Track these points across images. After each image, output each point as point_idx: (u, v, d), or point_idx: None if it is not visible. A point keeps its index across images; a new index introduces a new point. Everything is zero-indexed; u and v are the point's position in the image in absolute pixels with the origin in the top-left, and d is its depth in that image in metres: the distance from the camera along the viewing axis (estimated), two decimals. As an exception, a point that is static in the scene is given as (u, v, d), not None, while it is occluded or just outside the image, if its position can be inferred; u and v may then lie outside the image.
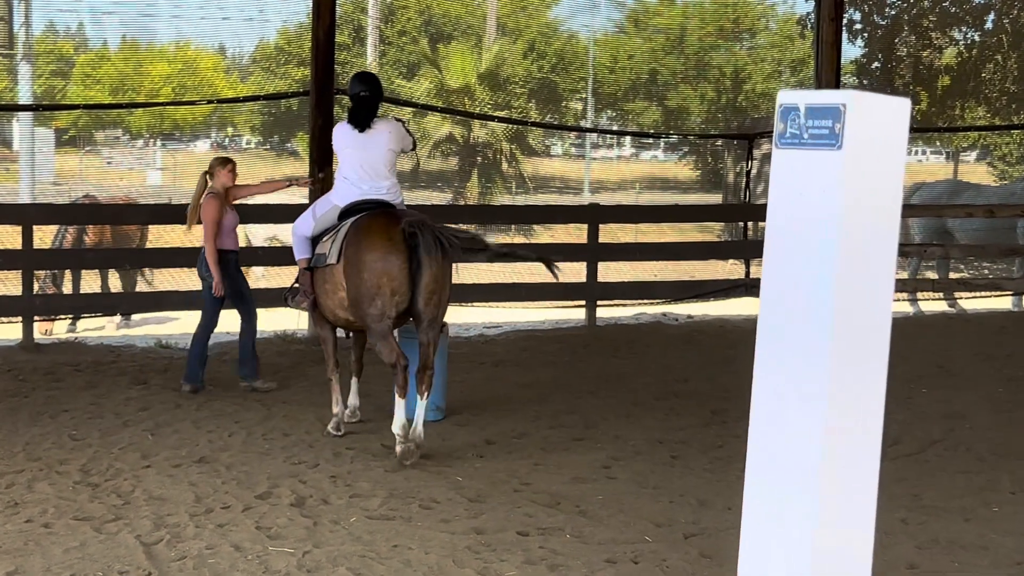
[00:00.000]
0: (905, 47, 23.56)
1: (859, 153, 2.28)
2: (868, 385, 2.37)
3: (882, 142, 2.31)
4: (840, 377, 2.29)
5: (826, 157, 2.29)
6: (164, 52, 26.42)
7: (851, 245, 2.29)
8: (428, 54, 32.30)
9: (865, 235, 2.32)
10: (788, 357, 2.32)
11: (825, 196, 2.27)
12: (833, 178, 2.27)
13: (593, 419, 8.71)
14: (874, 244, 2.34)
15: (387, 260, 7.43)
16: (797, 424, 2.29)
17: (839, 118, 2.25)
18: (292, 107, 26.95)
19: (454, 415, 8.76)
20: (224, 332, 12.45)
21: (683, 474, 7.27)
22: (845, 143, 2.26)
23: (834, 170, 2.27)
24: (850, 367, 2.32)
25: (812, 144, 2.31)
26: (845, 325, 2.30)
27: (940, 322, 14.01)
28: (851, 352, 2.31)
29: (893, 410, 8.90)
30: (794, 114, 2.32)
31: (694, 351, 11.67)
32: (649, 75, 32.92)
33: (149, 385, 9.56)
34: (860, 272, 2.31)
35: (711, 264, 18.60)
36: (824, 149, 2.29)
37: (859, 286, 2.33)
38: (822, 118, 2.27)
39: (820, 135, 2.29)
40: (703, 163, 32.64)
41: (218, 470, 7.07)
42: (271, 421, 8.40)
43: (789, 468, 2.29)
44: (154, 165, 28.98)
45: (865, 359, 2.35)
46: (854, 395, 2.33)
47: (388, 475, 7.04)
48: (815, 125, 2.29)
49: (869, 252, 2.33)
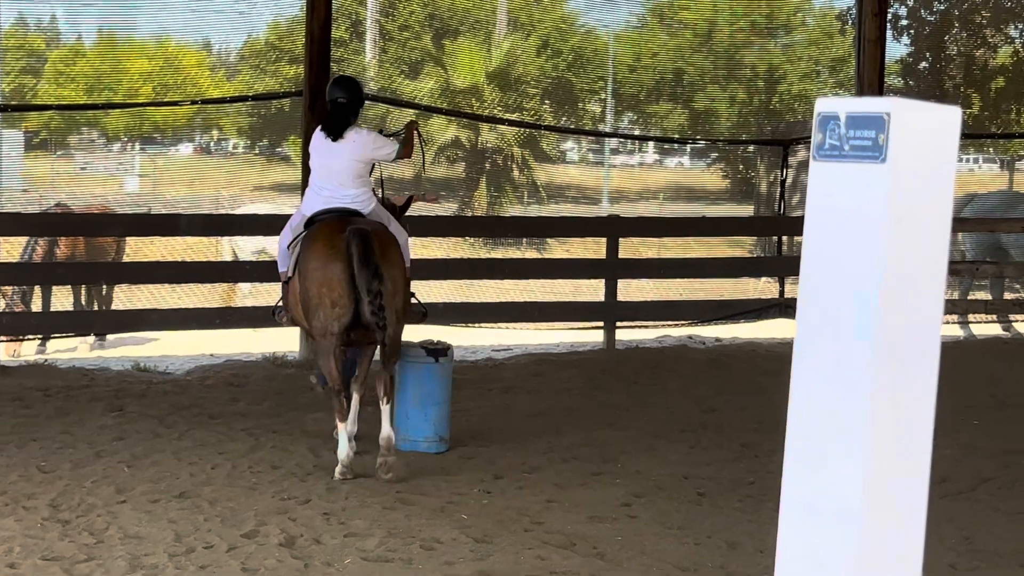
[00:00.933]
0: (956, 45, 23.58)
1: (905, 167, 2.30)
2: (915, 417, 2.38)
3: (930, 155, 2.33)
4: (884, 408, 2.31)
5: (869, 171, 2.31)
6: (144, 47, 26.54)
7: (896, 266, 2.30)
8: (432, 51, 32.40)
9: (912, 255, 2.34)
10: (826, 386, 2.33)
11: (868, 213, 2.29)
12: (876, 194, 2.29)
13: (612, 452, 8.72)
14: (921, 265, 2.35)
15: (326, 269, 7.73)
16: (836, 460, 2.30)
17: (883, 128, 2.27)
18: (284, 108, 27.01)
19: (459, 447, 8.77)
20: (208, 355, 12.49)
21: (711, 513, 7.27)
22: (890, 156, 2.28)
23: (878, 185, 2.29)
24: (895, 397, 2.33)
25: (853, 157, 2.33)
26: (889, 352, 2.31)
27: (994, 347, 14.00)
28: (896, 381, 2.33)
29: (942, 444, 8.86)
30: (834, 124, 2.34)
31: (723, 378, 11.67)
32: (674, 74, 32.98)
33: (126, 412, 9.58)
34: (906, 294, 2.33)
35: (742, 282, 18.59)
36: (867, 162, 2.31)
37: (905, 309, 2.34)
38: (864, 128, 2.29)
39: (862, 147, 2.31)
40: (733, 171, 32.66)
41: (200, 506, 7.09)
42: (258, 452, 8.42)
43: (827, 508, 2.31)
44: (133, 171, 29.08)
45: (911, 388, 2.37)
46: (899, 428, 2.34)
47: (386, 512, 7.05)
48: (857, 136, 2.31)
49: (916, 273, 2.35)
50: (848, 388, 2.31)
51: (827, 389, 2.33)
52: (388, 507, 7.16)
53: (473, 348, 13.12)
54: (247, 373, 11.31)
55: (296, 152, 21.70)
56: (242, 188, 25.90)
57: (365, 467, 8.10)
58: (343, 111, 8.33)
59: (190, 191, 25.37)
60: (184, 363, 12.08)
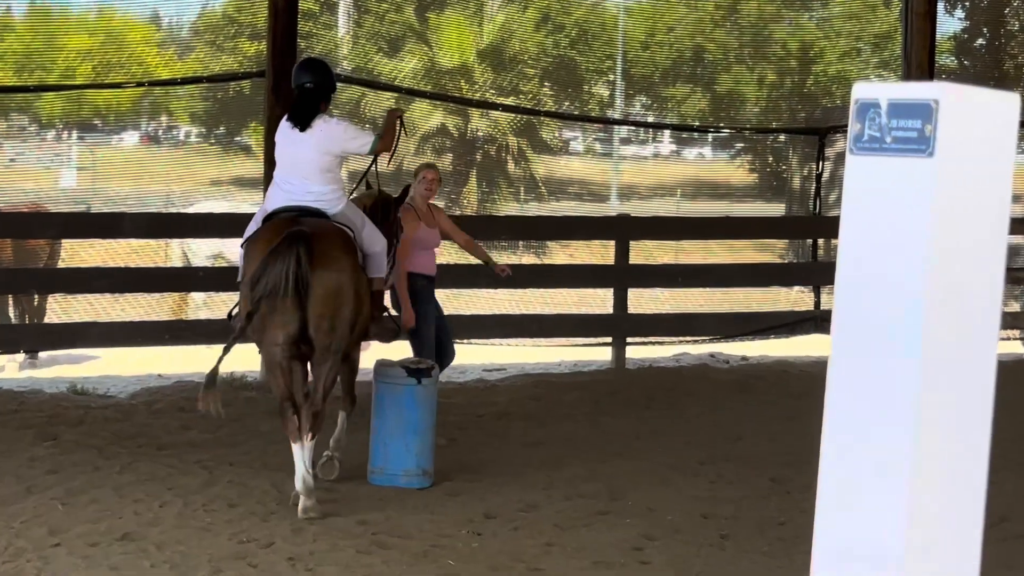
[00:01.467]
0: (1018, 19, 23.62)
1: (955, 161, 2.31)
2: (967, 448, 2.39)
3: (984, 148, 2.34)
4: (931, 439, 2.31)
5: (914, 165, 2.31)
6: (83, 21, 26.52)
7: (945, 274, 2.31)
8: (415, 25, 32.41)
9: (963, 261, 2.34)
10: (865, 412, 2.33)
11: (912, 213, 2.30)
12: (922, 191, 2.29)
13: (621, 488, 8.72)
14: (974, 272, 2.36)
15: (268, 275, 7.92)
16: (876, 498, 2.31)
17: (930, 118, 2.27)
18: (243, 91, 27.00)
19: (444, 482, 8.77)
20: (156, 376, 12.48)
21: (735, 558, 7.27)
22: (938, 149, 2.29)
23: (924, 182, 2.30)
24: (944, 425, 2.34)
25: (896, 149, 2.33)
26: (937, 373, 2.31)
27: (1062, 367, 14.00)
28: (945, 406, 2.33)
29: (1002, 479, 8.88)
30: (874, 112, 2.35)
31: (750, 402, 11.68)
32: (694, 53, 32.98)
33: (60, 441, 9.57)
34: (957, 307, 2.33)
35: (771, 292, 18.61)
36: (911, 155, 2.32)
37: (955, 324, 2.35)
38: (909, 117, 2.30)
39: (906, 138, 2.31)
40: (762, 164, 32.66)
41: (146, 550, 7.08)
42: (213, 488, 8.42)
43: (865, 554, 2.31)
44: (69, 163, 29.04)
45: (963, 415, 2.37)
46: (949, 461, 2.34)
47: (361, 557, 7.05)
48: (900, 126, 2.31)
49: (968, 282, 2.35)
50: (890, 415, 2.31)
51: (865, 416, 2.34)
52: (363, 551, 7.16)
53: (462, 368, 13.12)
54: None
55: (258, 142, 21.73)
56: (196, 183, 25.85)
57: (334, 499, 8.10)
58: (310, 97, 8.55)
59: (136, 186, 25.33)
60: (128, 385, 12.07)
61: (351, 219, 8.55)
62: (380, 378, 8.75)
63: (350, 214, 8.58)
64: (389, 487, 8.52)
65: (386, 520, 7.83)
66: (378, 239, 8.69)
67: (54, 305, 15.14)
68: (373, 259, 8.66)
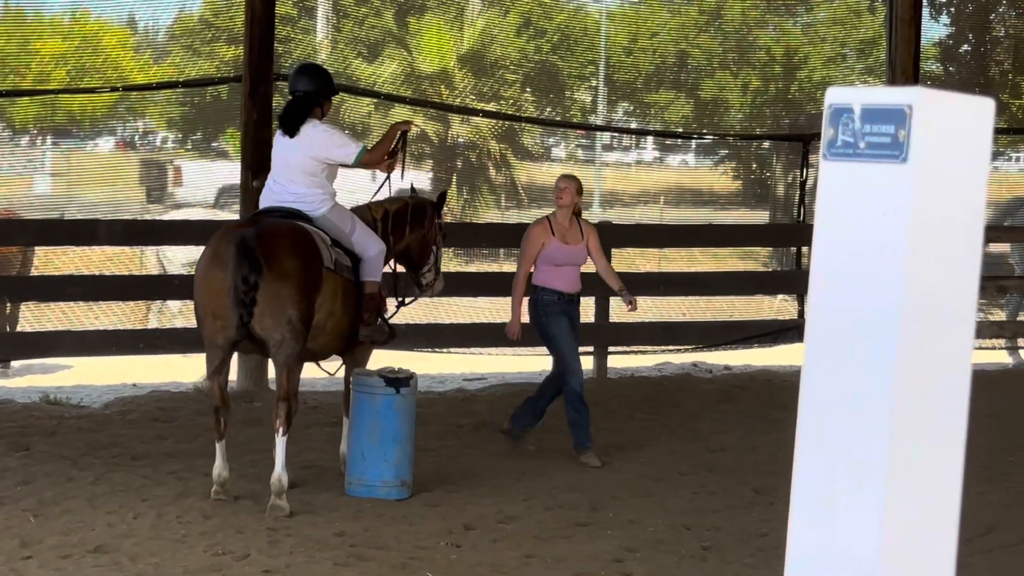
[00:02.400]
0: (1003, 25, 23.70)
1: (929, 167, 2.32)
2: (941, 461, 2.40)
3: (959, 153, 2.35)
4: (905, 449, 2.32)
5: (887, 172, 2.32)
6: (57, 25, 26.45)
7: (920, 282, 2.32)
8: (395, 30, 32.40)
9: (938, 269, 2.35)
10: (838, 422, 2.34)
11: (886, 220, 2.31)
12: (896, 198, 2.30)
13: (601, 498, 8.72)
14: (949, 280, 2.37)
15: (207, 276, 8.34)
16: (850, 509, 2.32)
17: (904, 123, 2.28)
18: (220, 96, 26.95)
19: (423, 492, 8.77)
20: (130, 385, 12.46)
21: (718, 570, 7.28)
22: (912, 154, 2.30)
23: (898, 188, 2.31)
24: (919, 436, 2.35)
25: (870, 155, 2.34)
26: (912, 383, 2.32)
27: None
28: (919, 419, 2.34)
29: (987, 489, 8.94)
30: (847, 117, 2.36)
31: (733, 412, 11.70)
32: (677, 58, 33.02)
33: (33, 452, 9.55)
34: (931, 316, 2.34)
35: (755, 301, 18.63)
36: (885, 161, 2.33)
37: (930, 333, 2.36)
38: (883, 122, 2.31)
39: (880, 144, 2.32)
40: (745, 171, 32.68)
41: (120, 562, 7.07)
42: (188, 499, 8.40)
43: (839, 565, 2.32)
44: (43, 169, 28.97)
45: (937, 427, 2.38)
46: (922, 473, 2.35)
47: (338, 570, 7.04)
48: (874, 131, 2.32)
49: (943, 291, 2.36)
50: (864, 423, 2.32)
51: (840, 424, 2.35)
52: (340, 563, 7.16)
53: (441, 377, 13.12)
54: (175, 406, 11.28)
55: (235, 147, 21.67)
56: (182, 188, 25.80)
57: (311, 510, 8.10)
58: (298, 105, 8.88)
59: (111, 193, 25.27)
60: (102, 394, 12.05)
61: (334, 223, 8.76)
62: (358, 388, 8.75)
63: (334, 217, 8.79)
64: (367, 498, 8.52)
65: (364, 532, 7.82)
66: (372, 244, 8.90)
67: (27, 313, 15.08)
68: (366, 263, 8.89)
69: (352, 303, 8.79)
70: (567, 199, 9.86)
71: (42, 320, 15.19)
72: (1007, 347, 15.50)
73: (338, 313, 8.63)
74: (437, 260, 9.81)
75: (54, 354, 13.12)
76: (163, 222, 16.32)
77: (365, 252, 8.85)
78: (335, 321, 8.65)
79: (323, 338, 8.73)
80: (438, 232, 9.77)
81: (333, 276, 8.54)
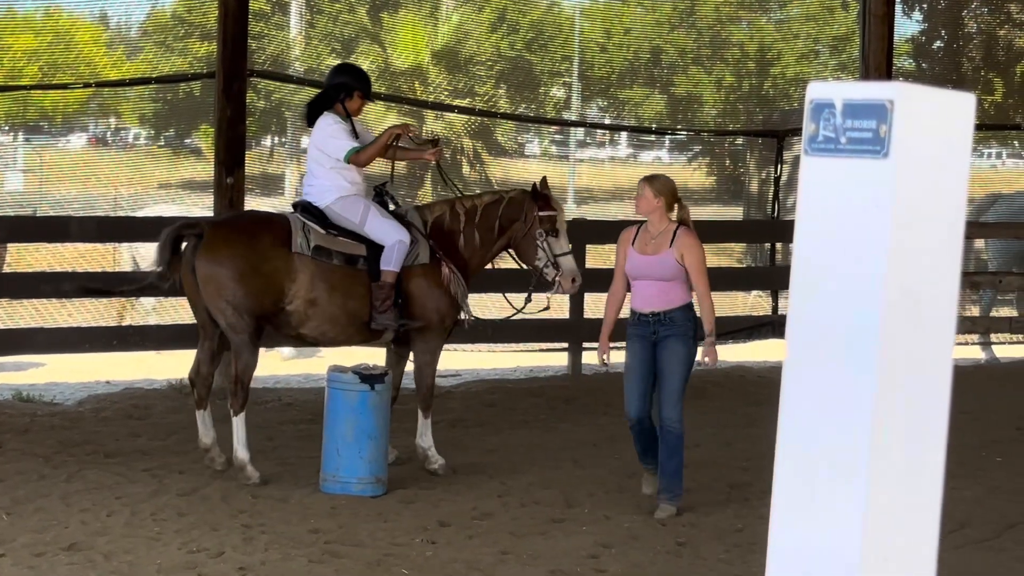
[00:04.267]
0: (975, 22, 23.81)
1: (910, 162, 2.31)
2: (922, 457, 2.40)
3: (940, 148, 2.35)
4: (887, 445, 2.32)
5: (869, 167, 2.32)
6: (29, 21, 26.35)
7: (901, 277, 2.32)
8: (368, 26, 32.35)
9: (918, 264, 2.35)
10: (820, 418, 2.34)
11: (868, 215, 2.30)
12: (878, 193, 2.30)
13: (576, 495, 8.72)
14: (930, 276, 2.37)
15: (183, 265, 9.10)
16: (831, 504, 2.31)
17: (885, 118, 2.28)
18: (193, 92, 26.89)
19: (398, 489, 8.76)
20: (104, 382, 12.40)
21: (693, 565, 7.29)
22: (892, 149, 2.29)
23: (879, 183, 2.30)
24: (900, 432, 2.35)
25: (851, 151, 2.34)
26: (893, 378, 2.32)
27: (1021, 371, 14.10)
28: (900, 414, 2.34)
29: (961, 485, 8.97)
30: (828, 112, 2.35)
31: (707, 408, 11.71)
32: (651, 54, 33.06)
33: (5, 450, 9.52)
34: (912, 311, 2.34)
35: (729, 297, 18.63)
36: (866, 157, 2.33)
37: (911, 329, 2.36)
38: (864, 118, 2.31)
39: (861, 139, 2.32)
40: (719, 167, 32.73)
41: (94, 560, 7.04)
42: (162, 497, 8.38)
43: (821, 560, 2.31)
44: (15, 166, 28.86)
45: (919, 423, 2.38)
46: (903, 470, 2.35)
47: (314, 567, 7.03)
48: (855, 126, 2.32)
49: (923, 286, 2.36)
50: (845, 420, 2.32)
51: (821, 422, 2.34)
52: (315, 560, 7.14)
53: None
54: (149, 404, 11.25)
55: (208, 144, 21.60)
56: (145, 186, 25.72)
57: (286, 507, 8.08)
58: (317, 98, 9.48)
59: (83, 189, 25.17)
60: (75, 392, 12.00)
61: (338, 213, 9.13)
62: (333, 384, 8.73)
63: (338, 208, 9.13)
64: (342, 495, 8.50)
65: (339, 528, 7.81)
66: (390, 232, 9.10)
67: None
68: (384, 253, 9.11)
69: (359, 291, 9.07)
70: (643, 206, 8.68)
71: (14, 317, 15.13)
72: (980, 343, 15.56)
73: (326, 300, 8.77)
74: (552, 255, 9.54)
75: (27, 351, 13.05)
76: (137, 218, 16.23)
77: (383, 242, 9.12)
78: (323, 308, 8.91)
79: (315, 323, 9.04)
80: (538, 225, 9.50)
81: (312, 262, 8.69)
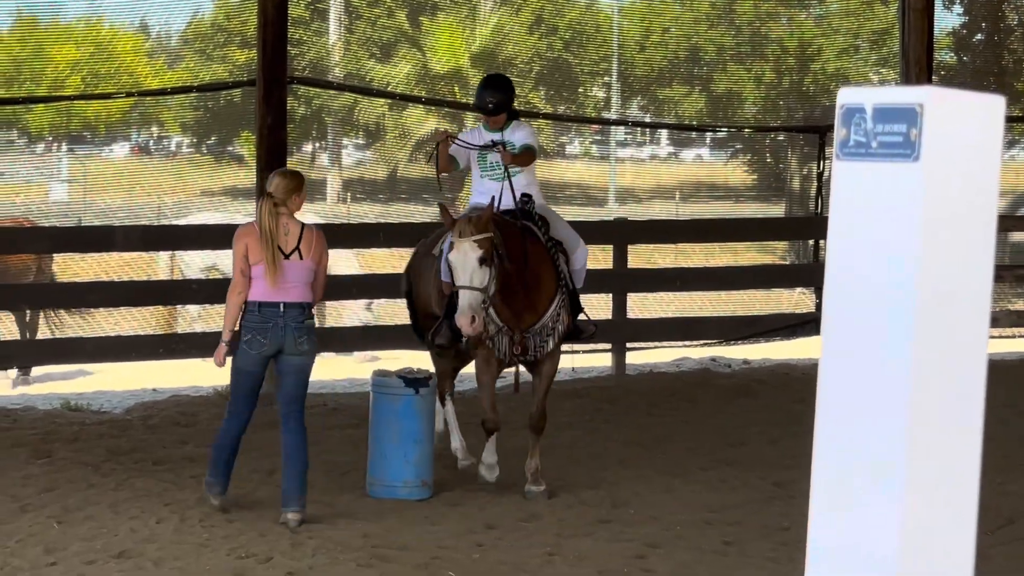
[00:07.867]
0: (1017, 14, 23.66)
1: (941, 165, 2.34)
2: (959, 453, 2.42)
3: (970, 151, 2.37)
4: (921, 444, 2.34)
5: (899, 170, 2.35)
6: (71, 32, 26.54)
7: (934, 279, 2.34)
8: (408, 30, 32.41)
9: (951, 265, 2.38)
10: (856, 416, 2.37)
11: (899, 218, 2.33)
12: (909, 196, 2.32)
13: (623, 495, 8.73)
14: (963, 276, 2.39)
15: None
16: (869, 502, 2.34)
17: (915, 122, 2.30)
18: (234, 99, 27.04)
19: (444, 491, 8.78)
20: (150, 390, 12.48)
21: (739, 564, 7.29)
22: (923, 153, 2.32)
23: (910, 186, 2.33)
24: (934, 431, 2.37)
25: (882, 154, 2.36)
26: (927, 378, 2.35)
27: (1068, 365, 14.00)
28: (936, 412, 2.36)
29: (1005, 479, 8.92)
30: (859, 116, 2.38)
31: (752, 406, 11.69)
32: (690, 52, 32.97)
33: (55, 459, 9.57)
34: (944, 313, 2.37)
35: (773, 295, 18.63)
36: (897, 160, 2.35)
37: (945, 329, 2.38)
38: (894, 122, 2.33)
39: (892, 143, 2.34)
40: (761, 164, 32.64)
41: (144, 567, 7.09)
42: (210, 503, 8.42)
43: (859, 558, 2.34)
44: (59, 176, 29.05)
45: (954, 420, 2.40)
46: (940, 466, 2.37)
47: (361, 570, 7.06)
48: (885, 131, 2.34)
49: (957, 286, 2.39)
50: (882, 418, 2.34)
51: (857, 419, 2.37)
52: (363, 564, 7.18)
53: (459, 376, 13.11)
54: (196, 411, 11.31)
55: (250, 151, 21.70)
56: (188, 194, 25.87)
57: (333, 512, 8.12)
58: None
59: (127, 198, 25.35)
60: (123, 400, 12.07)
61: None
62: (377, 388, 8.77)
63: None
64: (388, 499, 8.53)
65: (386, 532, 7.84)
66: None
67: (48, 320, 15.14)
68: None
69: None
70: None
71: (62, 326, 15.26)
72: (1025, 336, 15.47)
73: None
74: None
75: (75, 360, 13.16)
76: (181, 227, 16.34)
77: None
78: None
79: None
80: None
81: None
